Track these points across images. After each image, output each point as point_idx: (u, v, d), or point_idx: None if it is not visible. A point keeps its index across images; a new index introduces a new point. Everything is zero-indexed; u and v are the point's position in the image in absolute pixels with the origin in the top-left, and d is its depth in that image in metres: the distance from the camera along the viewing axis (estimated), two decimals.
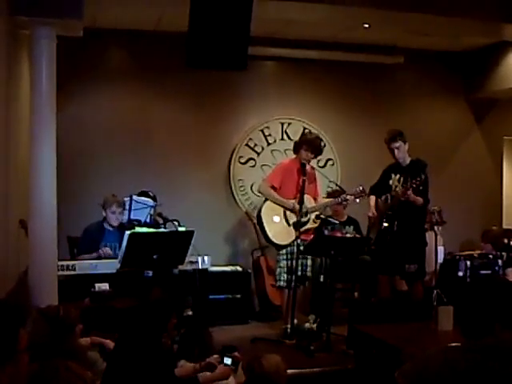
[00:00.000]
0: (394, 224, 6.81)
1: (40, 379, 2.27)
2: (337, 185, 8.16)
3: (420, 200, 6.75)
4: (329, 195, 7.82)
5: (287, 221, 7.07)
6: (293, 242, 6.93)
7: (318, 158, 8.19)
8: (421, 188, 6.59)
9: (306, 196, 6.99)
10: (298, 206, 6.95)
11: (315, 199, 7.25)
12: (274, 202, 7.12)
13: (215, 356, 4.57)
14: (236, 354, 4.63)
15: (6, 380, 2.30)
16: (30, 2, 5.55)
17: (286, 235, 7.01)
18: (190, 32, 6.10)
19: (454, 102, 9.64)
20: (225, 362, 4.44)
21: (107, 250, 6.39)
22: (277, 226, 7.09)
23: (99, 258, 6.32)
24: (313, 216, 7.13)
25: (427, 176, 6.74)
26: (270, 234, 7.10)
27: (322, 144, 7.57)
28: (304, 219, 7.04)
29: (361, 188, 7.08)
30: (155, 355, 3.97)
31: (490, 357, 2.51)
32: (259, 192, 7.56)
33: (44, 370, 2.31)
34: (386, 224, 6.86)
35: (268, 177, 7.47)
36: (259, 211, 7.24)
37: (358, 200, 7.16)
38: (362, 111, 9.10)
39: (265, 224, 7.12)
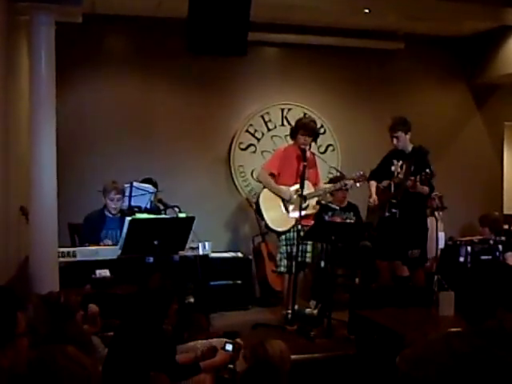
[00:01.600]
0: (396, 212, 6.80)
1: (37, 366, 2.28)
2: (337, 170, 8.16)
3: (427, 190, 6.77)
4: (331, 181, 7.80)
5: (285, 207, 7.07)
6: (292, 227, 6.93)
7: (319, 143, 8.23)
8: (431, 181, 6.63)
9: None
10: (294, 196, 6.96)
11: (316, 184, 7.24)
12: (271, 191, 7.11)
13: (219, 339, 4.59)
14: (238, 340, 4.64)
15: (7, 363, 2.31)
16: None
17: (285, 221, 7.00)
18: (190, 17, 6.08)
19: (454, 88, 9.62)
20: (226, 348, 4.45)
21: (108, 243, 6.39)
22: (275, 213, 7.08)
23: None
24: (313, 202, 7.12)
25: (430, 164, 6.75)
26: (268, 221, 7.10)
27: (318, 127, 7.54)
28: (303, 205, 7.03)
29: (361, 172, 7.08)
30: (157, 341, 3.98)
31: (492, 341, 2.51)
32: (257, 180, 7.56)
33: (41, 357, 2.31)
34: (388, 213, 6.85)
35: (266, 164, 7.44)
36: (258, 198, 7.24)
37: (358, 184, 7.16)
38: (362, 97, 9.07)
39: (263, 211, 7.12)
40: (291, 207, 7.04)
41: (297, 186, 6.96)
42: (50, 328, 3.52)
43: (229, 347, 4.45)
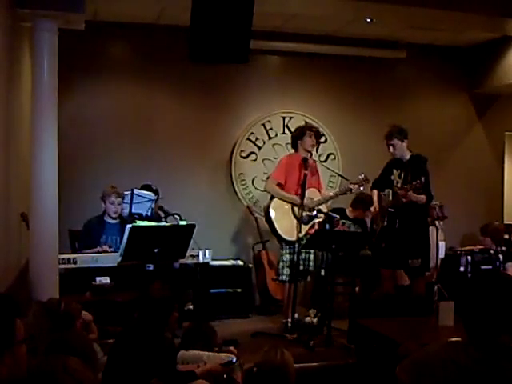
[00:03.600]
0: (395, 221, 6.80)
1: (36, 377, 2.25)
2: (340, 175, 8.16)
3: (423, 198, 6.73)
4: (354, 201, 7.82)
5: (296, 216, 7.04)
6: (303, 236, 6.93)
7: (320, 152, 8.22)
8: (420, 191, 6.61)
9: (311, 189, 6.99)
10: (307, 201, 6.95)
11: (319, 191, 7.25)
12: (282, 199, 7.09)
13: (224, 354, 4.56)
14: (231, 348, 4.64)
15: (5, 370, 2.29)
16: None
17: (296, 230, 6.97)
18: (192, 25, 6.08)
19: (455, 97, 9.63)
20: (233, 360, 4.42)
21: (106, 248, 6.38)
22: (286, 222, 7.04)
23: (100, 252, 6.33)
24: (323, 209, 7.14)
25: (428, 172, 6.74)
26: (279, 231, 7.06)
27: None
28: (313, 213, 7.03)
29: (363, 176, 7.08)
30: (157, 349, 3.97)
31: (492, 353, 2.51)
32: (266, 191, 7.50)
33: (41, 368, 2.29)
34: (387, 222, 6.87)
35: (273, 174, 7.40)
36: (268, 208, 7.19)
37: (362, 188, 7.16)
38: (363, 105, 9.09)
39: (274, 221, 7.07)
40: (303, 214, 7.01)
41: (309, 194, 6.99)
42: (49, 335, 3.51)
43: (234, 359, 4.43)
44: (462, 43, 9.21)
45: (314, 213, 7.04)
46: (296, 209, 7.02)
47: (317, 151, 7.65)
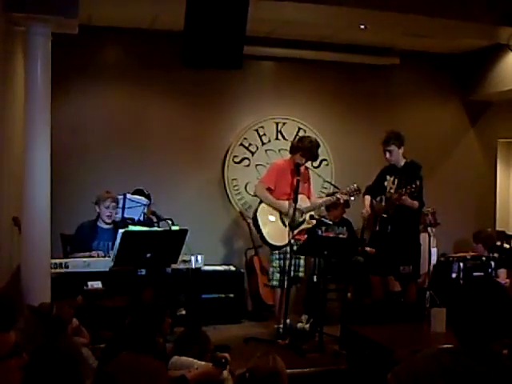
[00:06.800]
0: (387, 227, 6.82)
1: None
2: (331, 184, 8.16)
3: (416, 204, 6.78)
4: (327, 196, 7.81)
5: (283, 221, 7.05)
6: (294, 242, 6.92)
7: None
8: (415, 195, 6.63)
9: (300, 196, 6.98)
10: (291, 210, 6.94)
11: (309, 199, 7.25)
12: (270, 205, 7.09)
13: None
14: (226, 354, 4.62)
15: None
16: None
17: (282, 236, 6.97)
18: (186, 31, 6.09)
19: (448, 104, 9.65)
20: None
21: (100, 254, 6.36)
22: (273, 227, 7.07)
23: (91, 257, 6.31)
24: (308, 216, 7.13)
25: (422, 178, 6.76)
26: (266, 235, 7.08)
27: (319, 150, 7.43)
28: (300, 219, 7.04)
29: (355, 186, 7.10)
30: (148, 355, 3.96)
31: (483, 360, 2.51)
32: (255, 195, 7.53)
33: None
34: (379, 227, 6.88)
35: (263, 178, 7.41)
36: (255, 212, 7.21)
37: (352, 198, 7.18)
38: (357, 112, 9.09)
39: (261, 225, 7.09)
40: (288, 221, 7.01)
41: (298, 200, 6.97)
42: (41, 340, 3.49)
43: (224, 359, 4.42)
44: (456, 50, 9.23)
45: (301, 219, 7.05)
46: (284, 214, 7.04)
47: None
